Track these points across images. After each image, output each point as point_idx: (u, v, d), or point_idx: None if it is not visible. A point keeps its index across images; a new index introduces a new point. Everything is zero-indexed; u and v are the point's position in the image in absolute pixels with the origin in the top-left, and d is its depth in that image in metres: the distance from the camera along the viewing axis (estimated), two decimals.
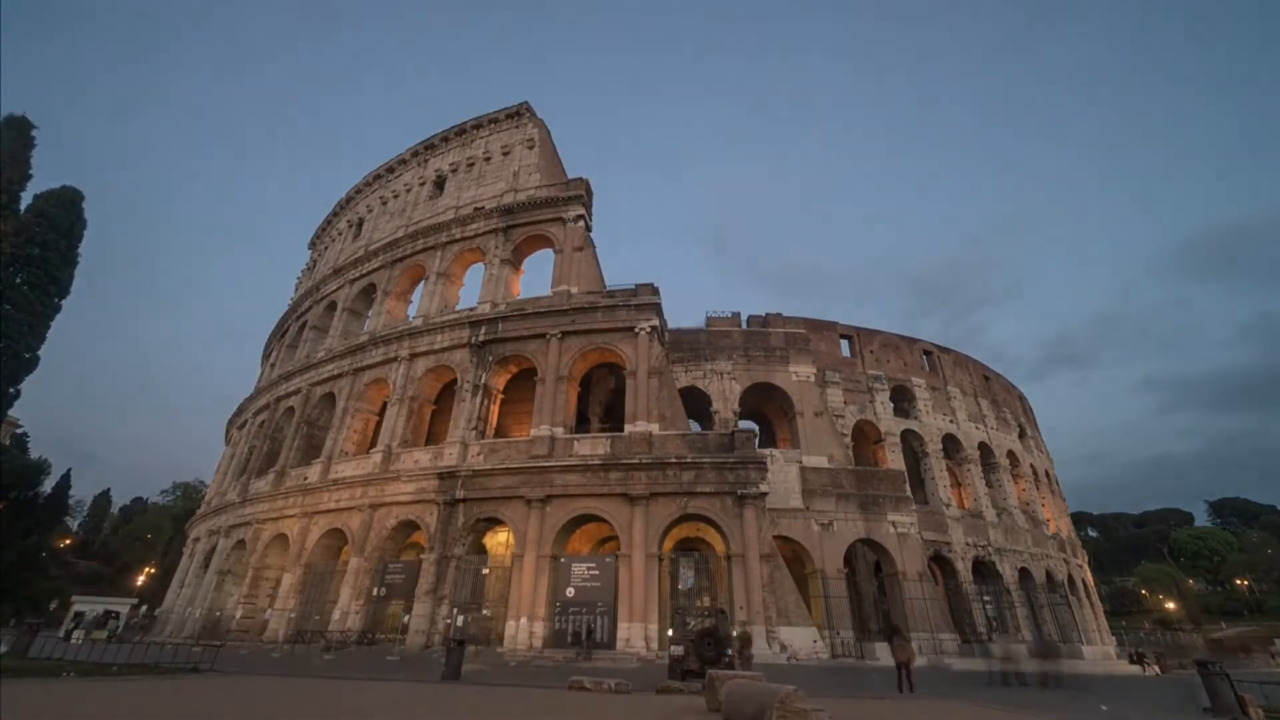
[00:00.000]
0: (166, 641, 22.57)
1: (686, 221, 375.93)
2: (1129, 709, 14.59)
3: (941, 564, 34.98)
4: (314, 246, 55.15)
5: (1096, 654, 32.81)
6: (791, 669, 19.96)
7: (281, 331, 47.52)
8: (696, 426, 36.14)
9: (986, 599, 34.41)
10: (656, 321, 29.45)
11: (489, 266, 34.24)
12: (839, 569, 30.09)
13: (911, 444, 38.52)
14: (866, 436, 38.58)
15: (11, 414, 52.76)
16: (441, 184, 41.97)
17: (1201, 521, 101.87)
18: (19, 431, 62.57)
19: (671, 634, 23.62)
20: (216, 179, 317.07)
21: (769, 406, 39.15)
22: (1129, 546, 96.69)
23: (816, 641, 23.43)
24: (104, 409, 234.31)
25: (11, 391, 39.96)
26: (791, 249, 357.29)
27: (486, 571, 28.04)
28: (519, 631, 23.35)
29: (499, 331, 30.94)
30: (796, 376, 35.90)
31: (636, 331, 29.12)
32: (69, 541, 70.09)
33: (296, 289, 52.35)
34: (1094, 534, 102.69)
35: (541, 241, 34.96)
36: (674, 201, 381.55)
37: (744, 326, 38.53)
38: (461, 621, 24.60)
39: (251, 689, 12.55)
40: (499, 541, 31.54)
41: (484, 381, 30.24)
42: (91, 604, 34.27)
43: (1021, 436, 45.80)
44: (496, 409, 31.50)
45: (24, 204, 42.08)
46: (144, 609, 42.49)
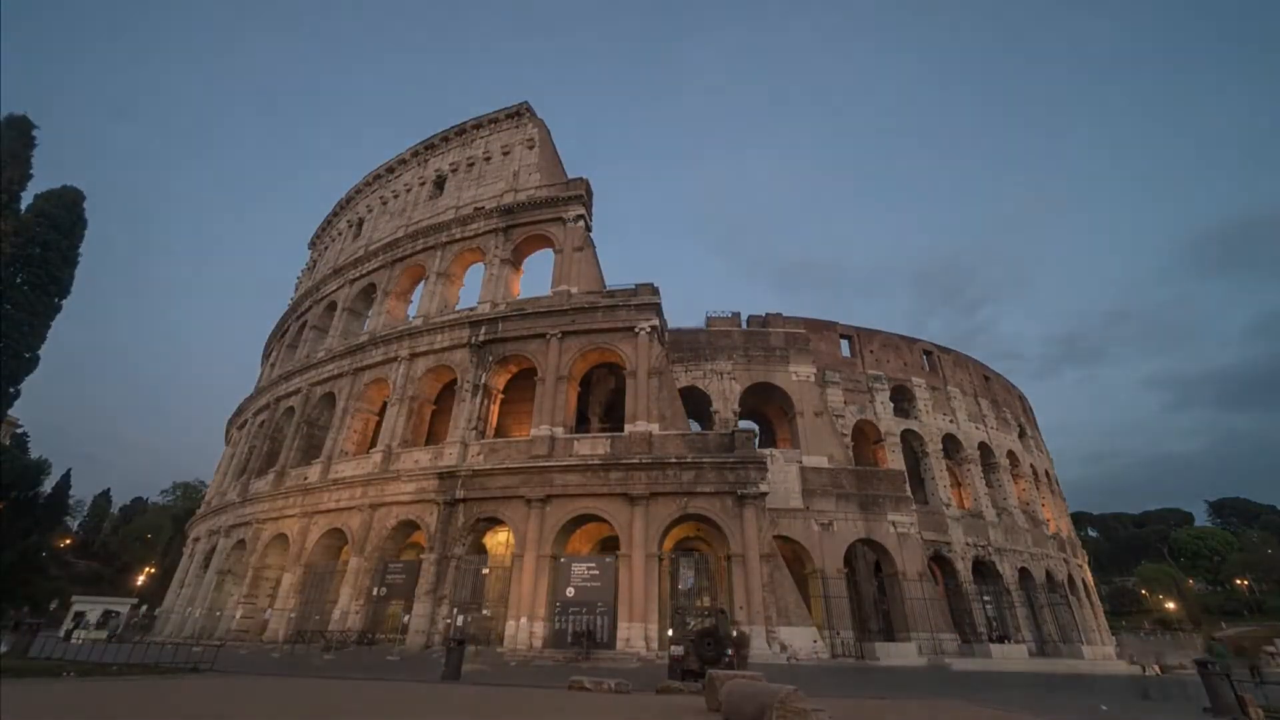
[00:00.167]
0: (166, 641, 22.56)
1: (690, 218, 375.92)
2: (1130, 708, 14.59)
3: (941, 564, 35.00)
4: (314, 246, 55.16)
5: (1096, 654, 32.79)
6: (791, 669, 19.95)
7: (281, 331, 47.53)
8: (696, 426, 36.14)
9: (986, 599, 34.44)
10: (656, 321, 29.45)
11: (489, 266, 34.25)
12: (839, 569, 30.10)
13: (911, 444, 38.54)
14: (866, 436, 38.60)
15: (11, 414, 52.76)
16: (441, 184, 41.98)
17: (1201, 521, 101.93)
18: (19, 431, 62.55)
19: (671, 634, 23.60)
20: (216, 179, 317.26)
21: (769, 406, 39.16)
22: (1129, 546, 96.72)
23: (816, 641, 23.43)
24: (104, 409, 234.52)
25: (11, 391, 39.94)
26: (795, 245, 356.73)
27: (486, 571, 28.04)
28: (519, 631, 23.35)
29: (499, 331, 30.94)
30: (796, 376, 35.90)
31: (636, 331, 29.12)
32: (69, 541, 70.12)
33: (296, 289, 52.35)
34: (1094, 534, 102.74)
35: (541, 241, 34.96)
36: (677, 198, 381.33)
37: (744, 326, 38.55)
38: (461, 621, 24.60)
39: (251, 689, 12.55)
40: (499, 541, 31.54)
41: (484, 381, 30.25)
42: (91, 604, 34.29)
43: (1021, 436, 45.83)
44: (496, 409, 31.51)
45: (24, 204, 42.10)
46: (144, 609, 42.50)
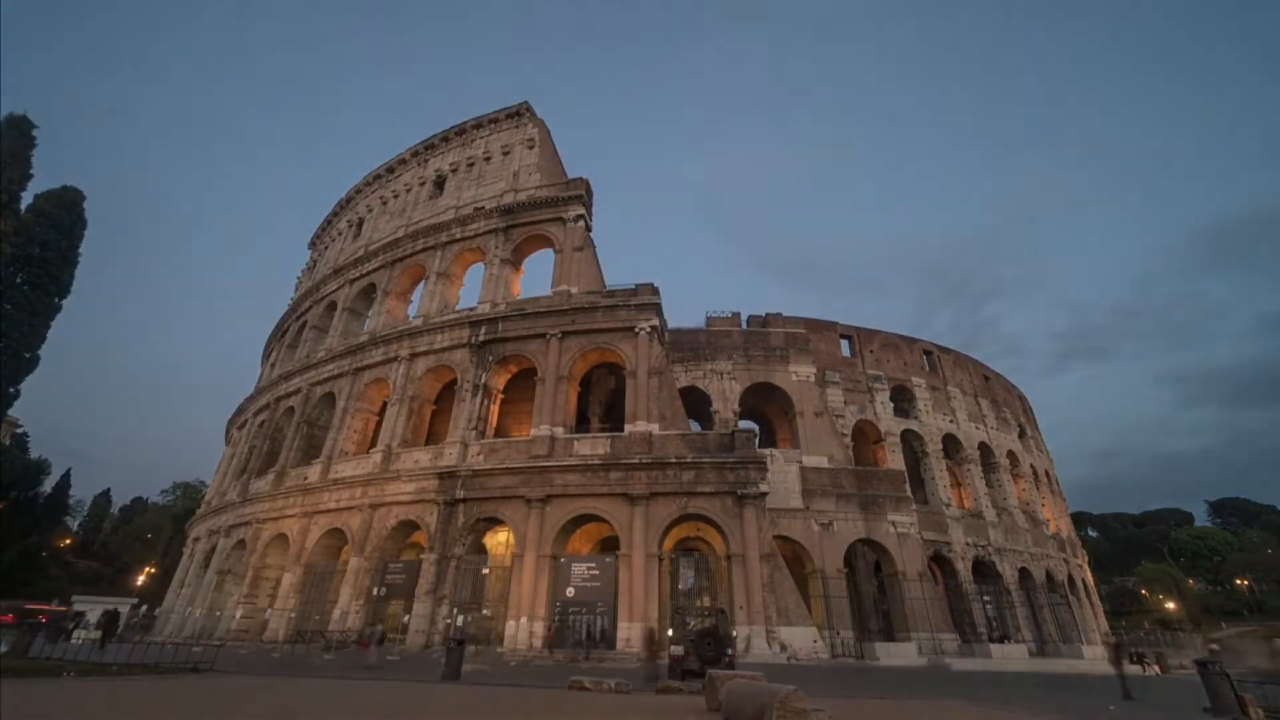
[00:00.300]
0: (167, 641, 22.56)
1: (692, 214, 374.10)
2: (1134, 709, 14.59)
3: (941, 564, 35.01)
4: (314, 246, 55.17)
5: (1096, 654, 32.79)
6: (791, 669, 19.96)
7: (281, 331, 47.53)
8: (696, 426, 36.15)
9: (986, 599, 34.47)
10: (656, 321, 29.46)
11: (489, 266, 34.26)
12: (839, 569, 30.12)
13: (911, 444, 38.55)
14: (866, 436, 38.61)
15: (11, 414, 52.78)
16: (441, 184, 41.99)
17: (1201, 521, 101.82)
18: (19, 431, 62.59)
19: (671, 634, 23.60)
20: (217, 179, 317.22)
21: (769, 406, 39.17)
22: (1129, 546, 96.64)
23: (816, 641, 23.43)
24: (104, 409, 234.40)
25: (11, 391, 39.99)
26: (799, 241, 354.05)
27: (486, 571, 28.06)
28: (519, 631, 23.36)
29: (499, 331, 30.95)
30: (796, 376, 35.92)
31: (636, 331, 29.13)
32: (69, 541, 70.07)
33: (296, 289, 52.36)
34: (1094, 534, 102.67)
35: (541, 241, 34.97)
36: (679, 194, 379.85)
37: (744, 326, 38.57)
38: (461, 621, 24.62)
39: (251, 689, 12.56)
40: (499, 541, 31.55)
41: (484, 381, 30.26)
42: (92, 604, 34.27)
43: (1021, 436, 45.84)
44: (496, 409, 31.51)
45: (24, 204, 42.13)
46: (144, 609, 42.51)
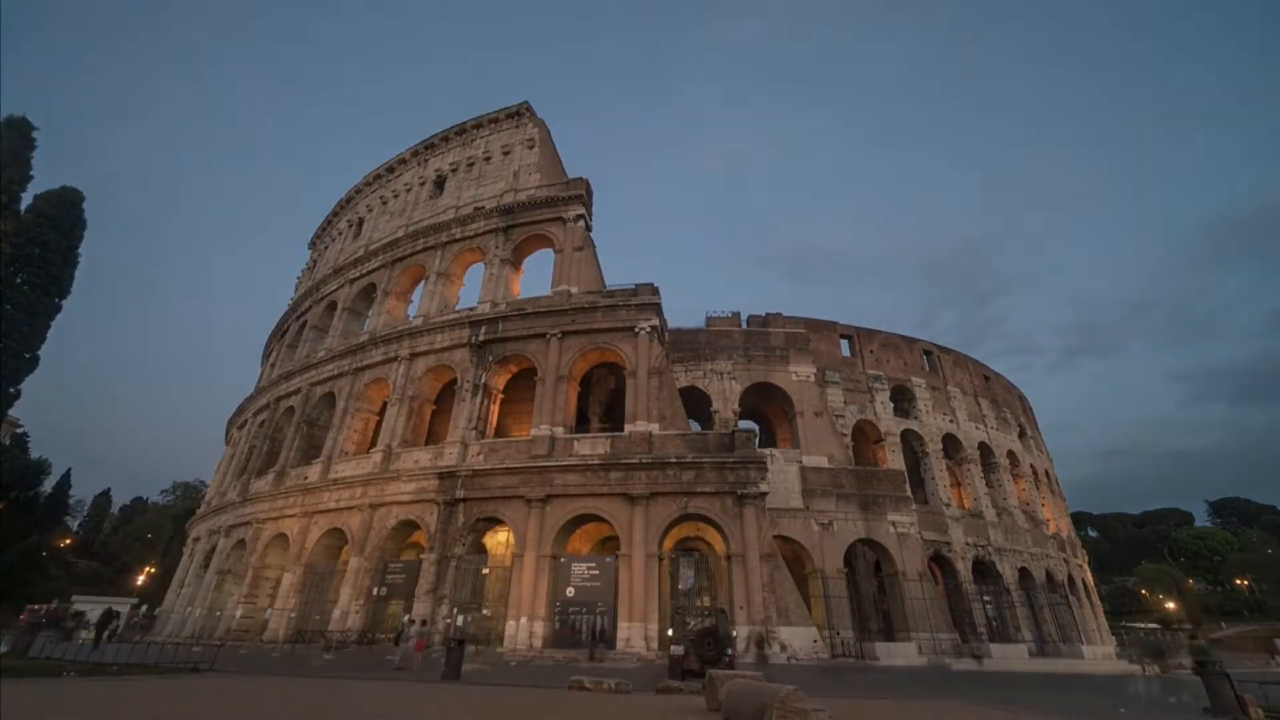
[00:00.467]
0: (166, 641, 22.56)
1: (695, 210, 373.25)
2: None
3: (941, 564, 35.00)
4: (314, 246, 55.16)
5: (1096, 654, 32.81)
6: (791, 669, 19.96)
7: (281, 331, 47.53)
8: (696, 426, 36.13)
9: (986, 599, 34.44)
10: (656, 321, 29.46)
11: (489, 266, 34.26)
12: (839, 569, 30.10)
13: (911, 444, 38.54)
14: (866, 436, 38.60)
15: (11, 414, 52.75)
16: (441, 184, 41.99)
17: (1201, 521, 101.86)
18: (19, 431, 62.51)
19: (671, 634, 23.61)
20: (216, 178, 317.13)
21: (769, 406, 39.16)
22: (1129, 546, 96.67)
23: (816, 641, 23.42)
24: (104, 409, 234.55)
25: (11, 391, 39.97)
26: (802, 235, 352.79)
27: (486, 571, 28.05)
28: (519, 631, 23.36)
29: (499, 331, 30.95)
30: (796, 376, 35.91)
31: (636, 331, 29.13)
32: (69, 541, 70.07)
33: (296, 289, 52.36)
34: (1094, 534, 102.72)
35: (541, 241, 34.97)
36: (682, 190, 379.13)
37: (744, 326, 38.55)
38: (461, 621, 24.61)
39: (251, 689, 12.56)
40: (499, 541, 31.54)
41: (484, 381, 30.26)
42: (92, 604, 34.28)
43: (1021, 436, 45.83)
44: (496, 409, 31.51)
45: (24, 204, 42.12)
46: (144, 609, 42.50)
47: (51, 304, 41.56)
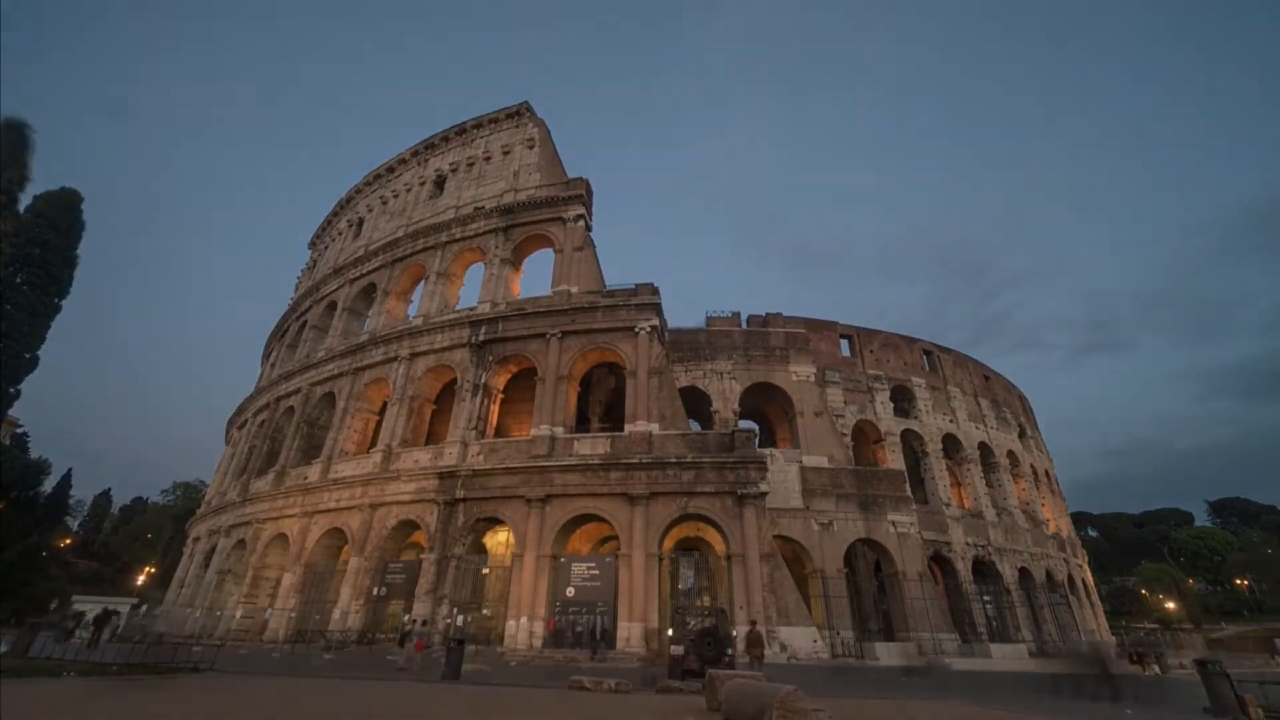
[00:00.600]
0: (166, 641, 22.54)
1: (697, 204, 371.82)
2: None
3: (941, 564, 35.00)
4: (314, 246, 55.16)
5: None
6: (791, 669, 19.95)
7: (281, 331, 47.53)
8: (696, 426, 36.13)
9: (986, 599, 34.45)
10: (656, 321, 29.46)
11: (489, 266, 34.26)
12: (839, 569, 30.10)
13: (911, 444, 38.54)
14: (866, 436, 38.60)
15: (11, 414, 52.74)
16: (441, 184, 41.99)
17: (1201, 521, 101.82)
18: (19, 431, 62.47)
19: (671, 634, 23.60)
20: (216, 179, 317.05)
21: (769, 406, 39.16)
22: (1129, 546, 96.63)
23: (816, 641, 23.43)
24: (104, 409, 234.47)
25: (11, 391, 39.92)
26: (805, 230, 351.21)
27: (486, 571, 28.05)
28: (519, 631, 23.36)
29: (499, 331, 30.95)
30: (796, 376, 35.90)
31: (636, 331, 29.12)
32: (69, 541, 70.05)
33: (296, 289, 52.35)
34: (1094, 534, 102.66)
35: (541, 241, 34.96)
36: (684, 185, 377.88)
37: (744, 326, 38.55)
38: (461, 621, 24.61)
39: (251, 689, 12.55)
40: (499, 541, 31.54)
41: (484, 381, 30.25)
42: (92, 604, 34.26)
43: (1021, 436, 45.83)
44: (496, 409, 31.50)
45: (23, 205, 42.07)
46: (144, 609, 42.47)
47: (51, 304, 41.49)
